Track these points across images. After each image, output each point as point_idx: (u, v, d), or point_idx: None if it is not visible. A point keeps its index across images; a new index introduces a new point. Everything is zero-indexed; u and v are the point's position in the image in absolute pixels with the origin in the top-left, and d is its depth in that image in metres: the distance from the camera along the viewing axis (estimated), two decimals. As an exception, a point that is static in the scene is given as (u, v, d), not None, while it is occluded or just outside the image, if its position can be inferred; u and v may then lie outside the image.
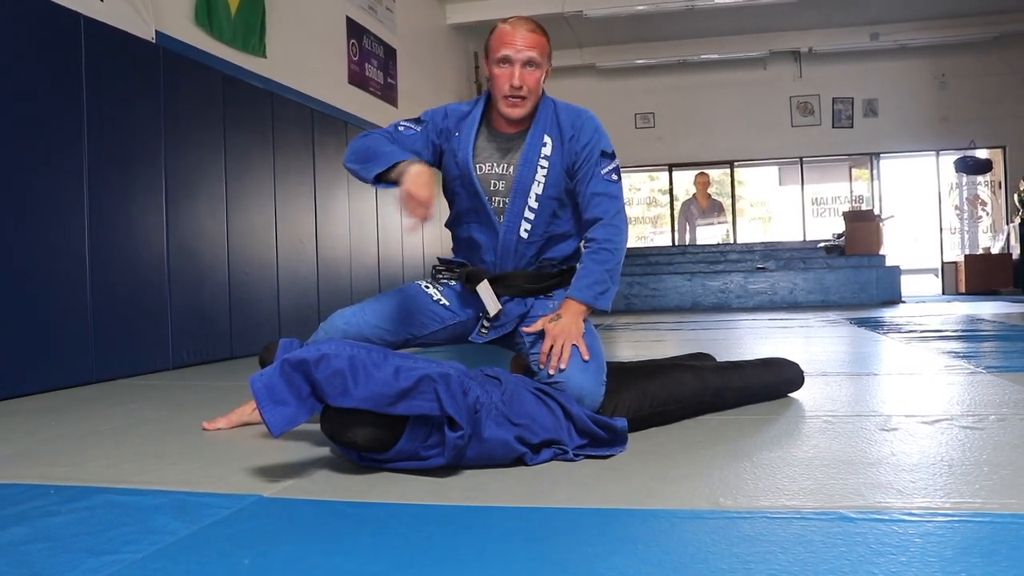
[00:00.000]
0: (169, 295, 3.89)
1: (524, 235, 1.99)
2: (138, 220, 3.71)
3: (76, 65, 3.33)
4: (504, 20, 1.97)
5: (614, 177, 1.98)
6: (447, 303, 2.08)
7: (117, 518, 1.30)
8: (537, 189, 1.96)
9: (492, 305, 1.99)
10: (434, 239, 7.70)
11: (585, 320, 1.93)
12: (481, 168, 2.00)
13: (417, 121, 2.04)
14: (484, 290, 1.99)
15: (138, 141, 3.73)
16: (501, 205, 2.00)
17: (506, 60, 1.90)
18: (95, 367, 3.35)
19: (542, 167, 1.96)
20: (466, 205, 2.05)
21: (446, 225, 2.16)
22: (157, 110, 3.86)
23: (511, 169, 1.98)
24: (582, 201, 1.98)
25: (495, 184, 2.00)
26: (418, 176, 1.72)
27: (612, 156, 1.99)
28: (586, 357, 1.82)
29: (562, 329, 1.85)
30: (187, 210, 4.07)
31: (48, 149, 3.18)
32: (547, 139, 1.97)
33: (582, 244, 2.06)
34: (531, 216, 1.98)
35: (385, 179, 1.79)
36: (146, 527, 1.25)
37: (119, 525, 1.26)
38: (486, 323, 2.03)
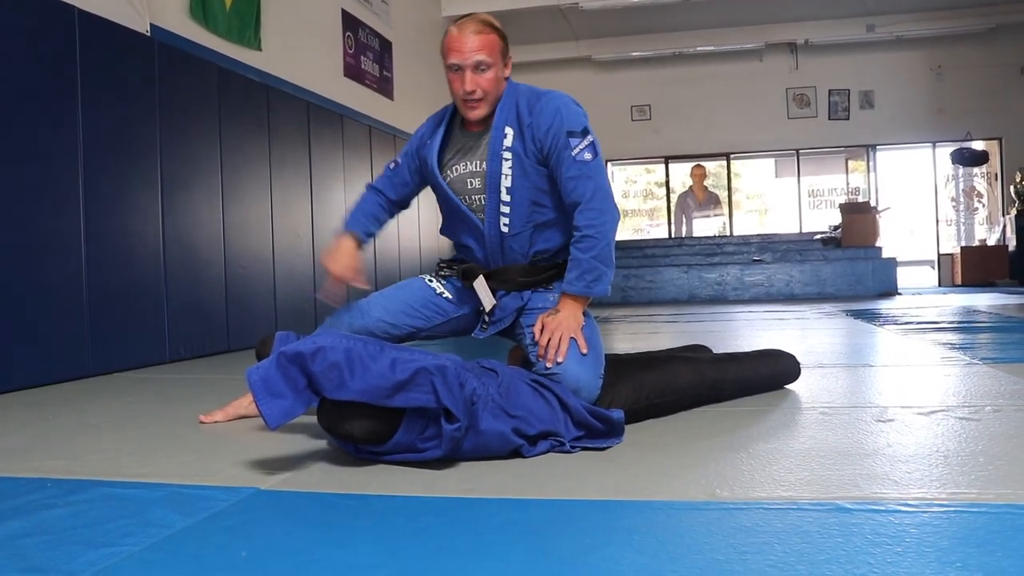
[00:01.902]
0: (165, 288, 3.88)
1: (505, 229, 1.97)
2: (134, 213, 3.70)
3: (71, 58, 3.32)
4: (454, 22, 1.93)
5: (587, 156, 1.86)
6: (450, 296, 2.10)
7: (114, 511, 1.31)
8: (506, 182, 1.93)
9: (487, 300, 2.00)
10: (430, 234, 7.69)
11: (585, 313, 1.93)
12: (456, 170, 2.00)
13: (405, 153, 2.14)
14: (479, 285, 2.01)
15: (134, 134, 3.71)
16: (481, 202, 1.98)
17: (456, 67, 1.88)
18: (91, 361, 3.34)
19: (506, 159, 1.92)
20: (447, 208, 2.06)
21: (441, 232, 2.18)
22: (152, 103, 3.84)
23: (483, 165, 1.96)
24: (561, 187, 1.91)
25: (471, 183, 1.99)
26: (330, 251, 2.08)
27: (583, 133, 1.87)
28: (584, 350, 1.82)
29: (560, 322, 1.85)
30: (183, 203, 4.06)
31: (43, 143, 3.17)
32: (508, 130, 1.93)
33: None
34: (506, 210, 1.95)
35: None
36: (143, 520, 1.25)
37: (116, 518, 1.26)
38: (486, 318, 2.04)
